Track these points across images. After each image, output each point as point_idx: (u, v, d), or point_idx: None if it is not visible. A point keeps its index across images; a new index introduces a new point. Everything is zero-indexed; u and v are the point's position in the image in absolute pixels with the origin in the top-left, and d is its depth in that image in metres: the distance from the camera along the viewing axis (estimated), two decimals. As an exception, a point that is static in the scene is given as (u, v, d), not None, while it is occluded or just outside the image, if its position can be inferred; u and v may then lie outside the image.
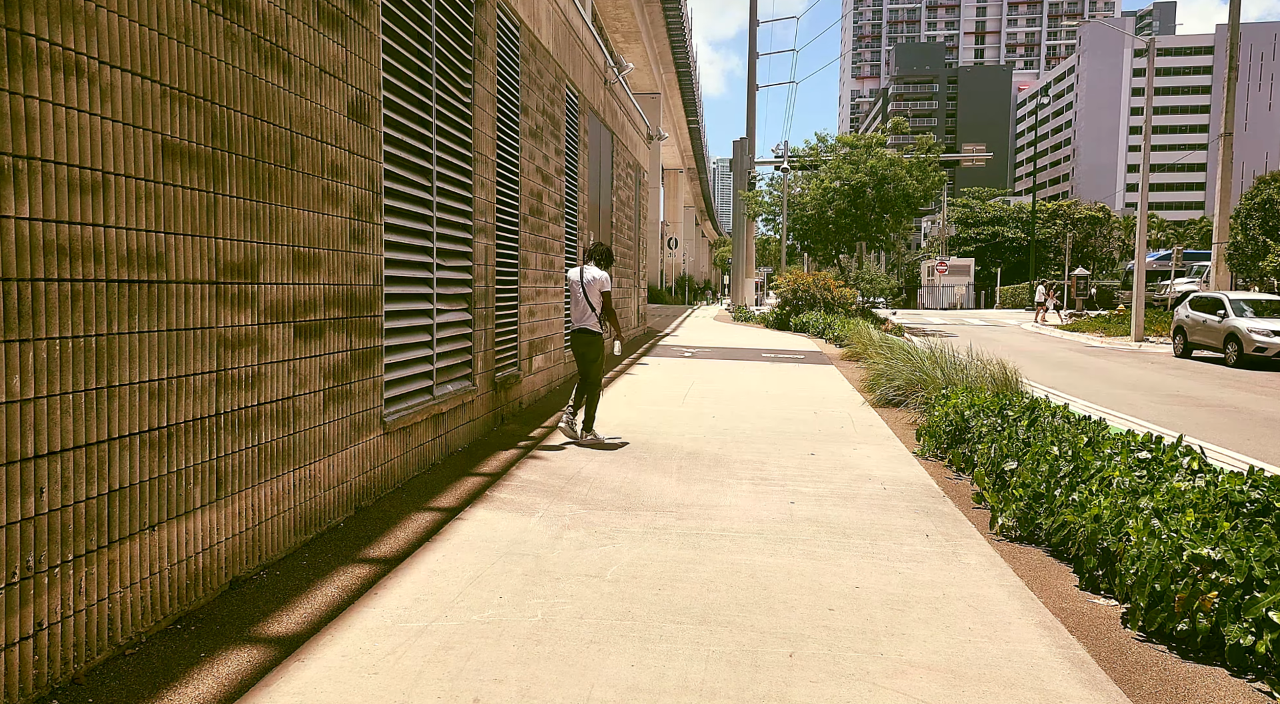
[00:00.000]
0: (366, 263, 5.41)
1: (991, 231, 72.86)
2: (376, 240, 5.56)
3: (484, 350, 8.02)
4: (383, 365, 5.70)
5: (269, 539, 4.34)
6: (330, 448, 4.97)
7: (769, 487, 6.44)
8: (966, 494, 6.39)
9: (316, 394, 4.77)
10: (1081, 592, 4.46)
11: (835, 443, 8.21)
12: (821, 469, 7.07)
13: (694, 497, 6.10)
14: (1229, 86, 26.72)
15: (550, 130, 10.70)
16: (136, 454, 3.37)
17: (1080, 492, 4.89)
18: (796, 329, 25.72)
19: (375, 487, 5.64)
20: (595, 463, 7.06)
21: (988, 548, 5.11)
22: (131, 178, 3.30)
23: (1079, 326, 30.68)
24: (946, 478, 6.92)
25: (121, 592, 3.31)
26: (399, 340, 6.07)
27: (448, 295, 7.12)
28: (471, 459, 7.09)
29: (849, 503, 6.04)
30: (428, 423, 6.56)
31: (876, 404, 10.65)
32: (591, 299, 7.93)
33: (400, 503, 5.66)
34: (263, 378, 4.23)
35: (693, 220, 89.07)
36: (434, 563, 4.56)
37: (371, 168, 5.46)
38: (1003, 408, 7.03)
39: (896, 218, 31.14)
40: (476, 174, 7.66)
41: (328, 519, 4.98)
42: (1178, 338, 21.11)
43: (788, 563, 4.75)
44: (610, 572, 4.52)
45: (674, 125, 54.02)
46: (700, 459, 7.33)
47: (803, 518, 5.63)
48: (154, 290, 3.45)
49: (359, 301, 5.31)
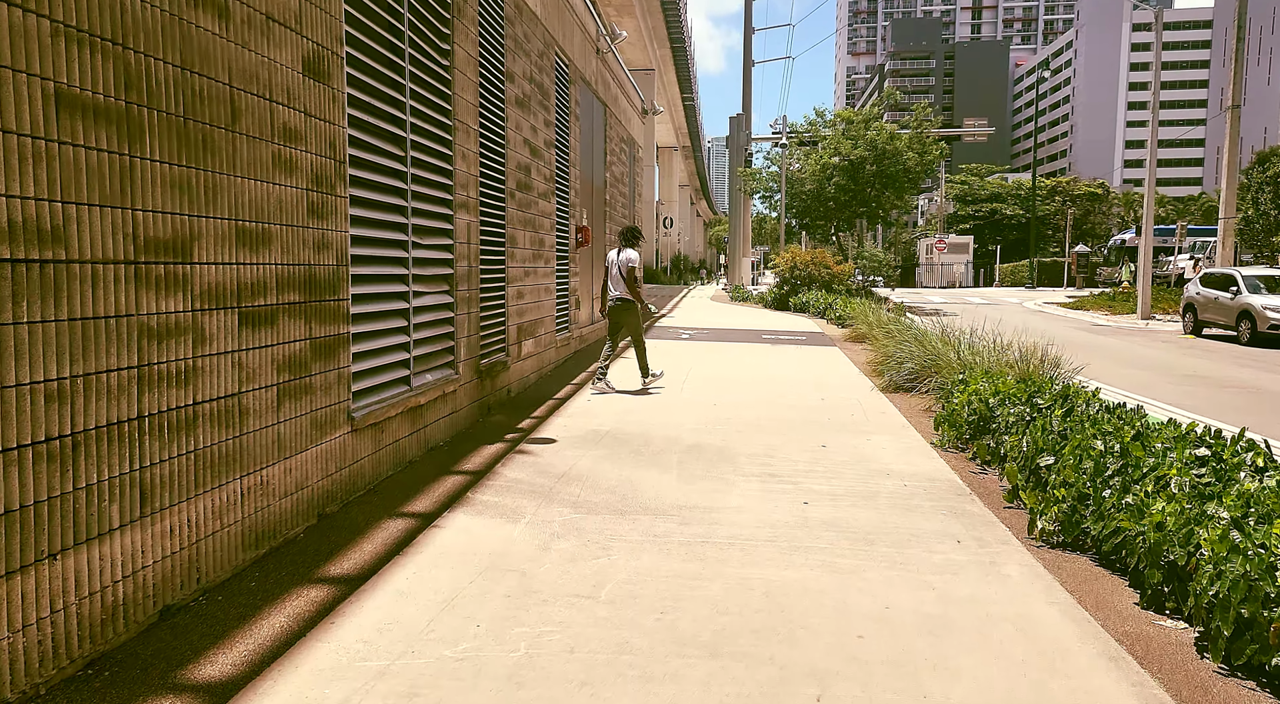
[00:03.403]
0: (329, 240, 4.81)
1: (990, 209, 72.12)
2: (340, 215, 4.95)
3: (468, 335, 7.43)
4: (350, 355, 5.11)
5: (210, 559, 3.77)
6: (286, 449, 4.39)
7: (779, 484, 5.88)
8: (995, 491, 5.84)
9: (269, 390, 4.19)
10: (1143, 611, 3.91)
11: (847, 433, 7.65)
12: (835, 463, 6.51)
13: (697, 497, 5.53)
14: (1236, 56, 26.06)
15: (539, 100, 10.05)
16: (29, 469, 2.78)
17: (1135, 493, 4.33)
18: (796, 309, 25.14)
19: (342, 490, 5.06)
20: (588, 459, 6.50)
21: (1027, 556, 4.56)
22: (11, 133, 2.69)
23: (1082, 304, 30.14)
24: (970, 472, 6.36)
25: (11, 637, 2.74)
26: (370, 326, 5.47)
27: (426, 277, 6.52)
28: (454, 455, 6.51)
29: (868, 503, 5.48)
30: (404, 417, 5.98)
31: (886, 389, 10.09)
32: (624, 274, 9.55)
33: (370, 508, 5.09)
34: (199, 373, 3.64)
35: (688, 199, 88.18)
36: (403, 582, 3.99)
37: (333, 133, 4.84)
38: (1031, 395, 6.46)
39: (897, 193, 30.47)
40: (457, 144, 7.04)
41: (284, 530, 4.41)
42: (1188, 315, 20.58)
43: (806, 577, 4.19)
44: (605, 590, 3.96)
45: (669, 102, 53.08)
46: (702, 452, 6.77)
47: (819, 521, 5.07)
48: (50, 272, 2.85)
49: (320, 284, 4.71)
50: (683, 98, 54.31)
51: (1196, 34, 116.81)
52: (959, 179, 77.09)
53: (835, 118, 32.29)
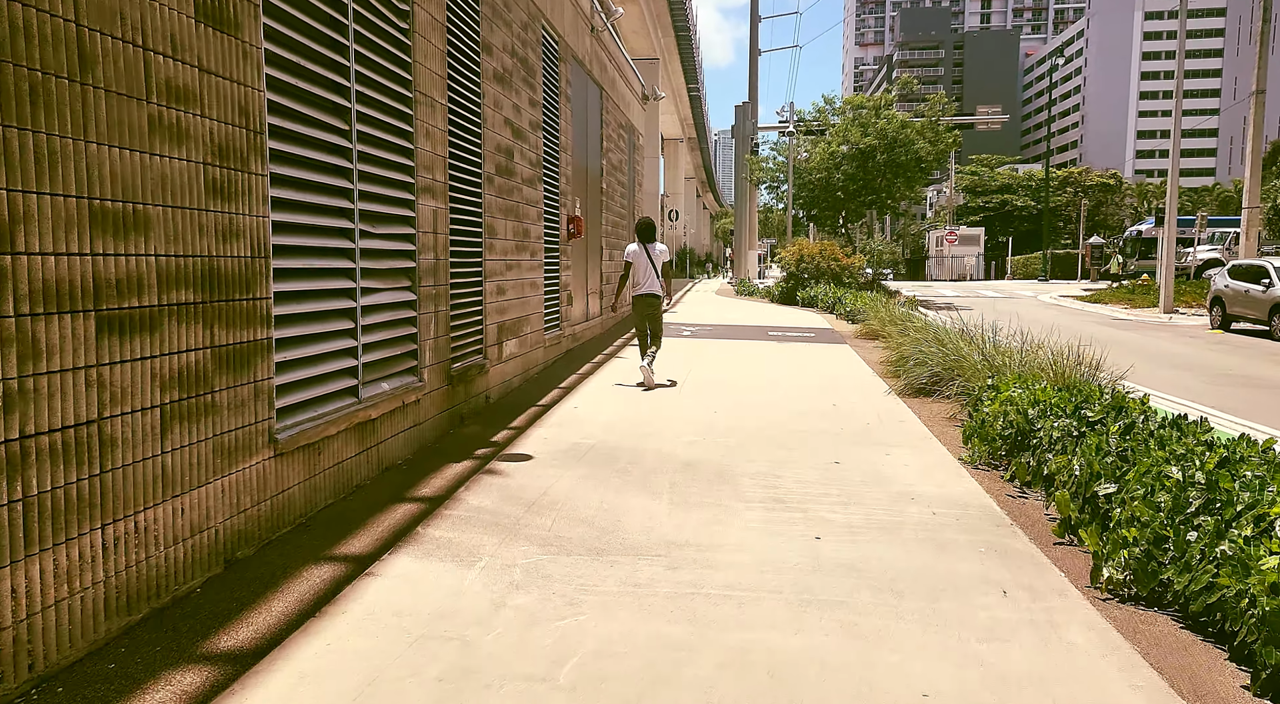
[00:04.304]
0: (239, 226, 3.96)
1: (1000, 200, 70.88)
2: (256, 196, 4.10)
3: (435, 337, 6.59)
4: (272, 364, 4.26)
5: (50, 637, 2.93)
6: (178, 485, 3.55)
7: (786, 512, 5.02)
8: (1039, 520, 4.98)
9: (147, 413, 3.34)
10: (1256, 698, 3.05)
11: (863, 445, 6.78)
12: (850, 484, 5.65)
13: (690, 531, 4.68)
14: (1261, 38, 25.04)
15: (523, 76, 9.18)
16: None
17: (1232, 538, 3.47)
18: (804, 303, 24.23)
19: (262, 527, 4.22)
20: (567, 479, 5.65)
21: (1093, 613, 3.69)
22: None
23: (1100, 297, 29.15)
24: (1008, 495, 5.50)
25: None
26: (302, 329, 4.63)
27: (380, 270, 5.67)
28: (412, 476, 5.67)
29: (891, 537, 4.62)
30: (349, 434, 5.14)
31: (904, 393, 9.21)
32: (657, 266, 9.45)
33: (295, 549, 4.24)
34: (28, 397, 2.80)
35: (694, 192, 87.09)
36: (310, 658, 3.15)
37: (244, 96, 3.99)
38: (1078, 406, 5.58)
39: (908, 183, 29.49)
40: (420, 120, 6.18)
41: (174, 586, 3.57)
42: (1215, 309, 19.61)
43: (820, 645, 3.34)
44: (567, 669, 3.11)
45: (674, 92, 52.05)
46: (699, 472, 5.91)
47: (834, 563, 4.21)
48: None
49: (227, 279, 3.87)
50: (688, 88, 53.32)
51: (1210, 22, 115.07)
52: (969, 170, 75.84)
53: (844, 105, 31.32)
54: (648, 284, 9.46)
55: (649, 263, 9.44)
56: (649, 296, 9.48)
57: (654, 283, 9.46)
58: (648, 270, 9.45)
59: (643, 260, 9.46)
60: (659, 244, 9.58)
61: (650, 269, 9.45)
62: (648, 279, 9.46)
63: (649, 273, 9.45)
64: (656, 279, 9.47)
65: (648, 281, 9.46)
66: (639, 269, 9.50)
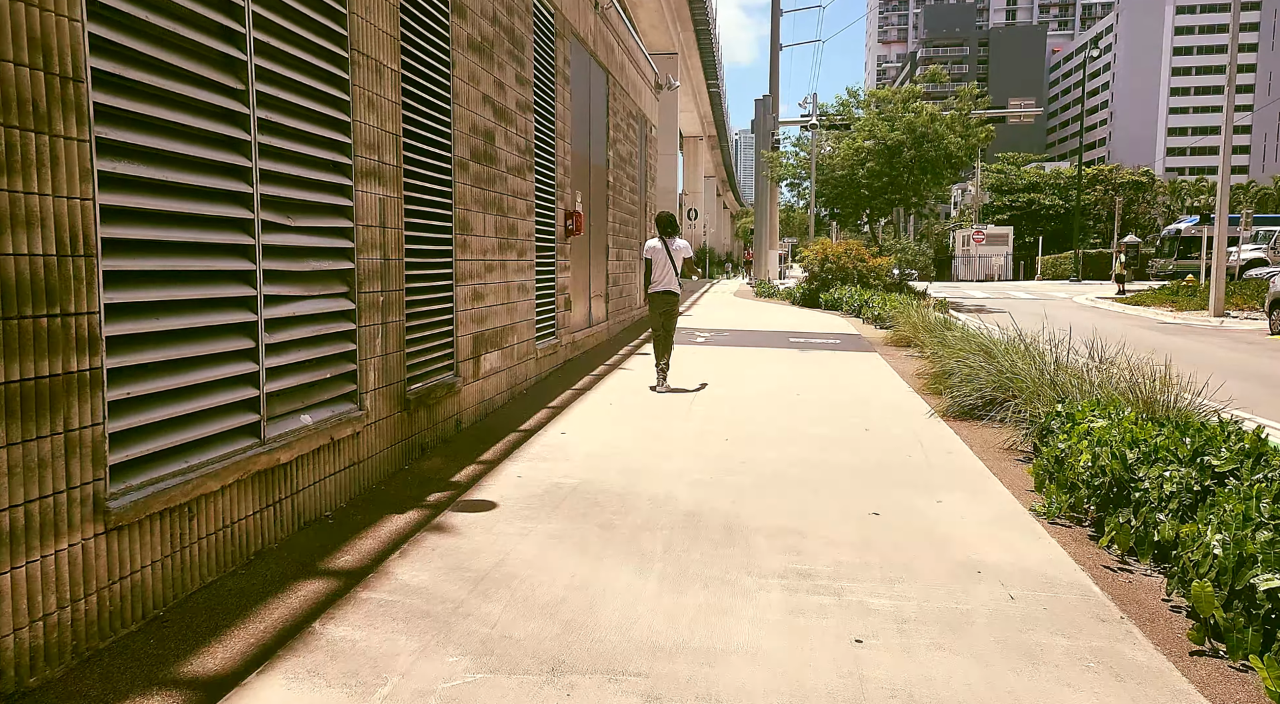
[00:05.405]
0: (36, 212, 2.77)
1: (1027, 199, 68.94)
2: (69, 170, 2.91)
3: (383, 354, 5.39)
4: (100, 405, 3.07)
5: None
6: (-98, 599, 2.36)
7: (814, 596, 3.77)
8: (1157, 608, 3.70)
9: None
10: None
11: (906, 487, 5.52)
12: (895, 549, 4.39)
13: (685, 625, 3.44)
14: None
15: (508, 49, 7.98)
16: None
17: None
18: (827, 306, 22.90)
19: (80, 636, 3.03)
20: (534, 539, 4.42)
21: (1286, 795, 2.43)
22: None
23: (1142, 299, 27.59)
24: (1104, 567, 4.22)
25: None
26: (162, 353, 3.43)
27: (300, 274, 4.48)
28: (336, 535, 4.47)
29: (958, 638, 3.37)
30: (244, 486, 3.94)
31: (948, 415, 7.91)
32: (677, 263, 9.19)
33: (120, 669, 3.04)
34: None
35: (714, 191, 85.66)
36: None
37: (46, 26, 2.80)
38: (1199, 451, 4.29)
39: (936, 179, 28.05)
40: (359, 86, 4.99)
41: (-108, 752, 2.38)
42: (1275, 313, 18.11)
43: None
44: None
45: (693, 89, 50.75)
46: (702, 527, 4.67)
47: (884, 690, 2.97)
48: None
49: (16, 288, 2.68)
50: (708, 84, 52.05)
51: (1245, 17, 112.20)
52: (995, 168, 73.88)
53: (869, 98, 29.92)
54: (665, 281, 9.22)
55: (668, 259, 9.19)
56: (666, 293, 9.26)
57: (672, 280, 9.24)
58: (666, 266, 9.20)
59: (662, 257, 9.20)
60: (679, 239, 9.34)
61: (669, 265, 9.20)
62: (665, 275, 9.22)
63: (667, 269, 9.20)
64: (675, 276, 9.25)
65: (665, 278, 9.22)
66: (657, 265, 9.23)
